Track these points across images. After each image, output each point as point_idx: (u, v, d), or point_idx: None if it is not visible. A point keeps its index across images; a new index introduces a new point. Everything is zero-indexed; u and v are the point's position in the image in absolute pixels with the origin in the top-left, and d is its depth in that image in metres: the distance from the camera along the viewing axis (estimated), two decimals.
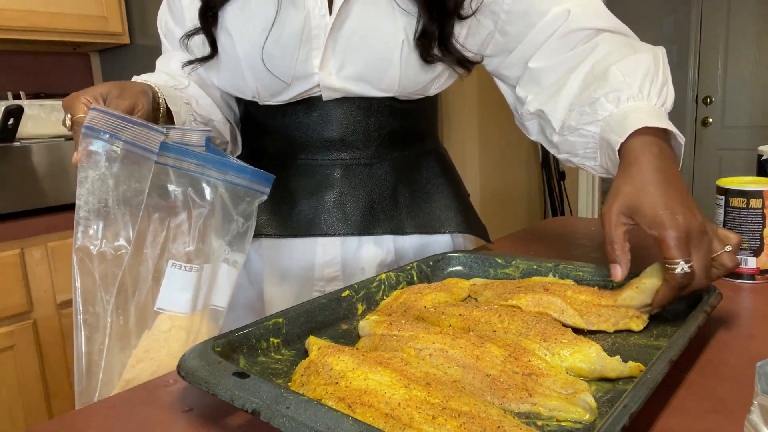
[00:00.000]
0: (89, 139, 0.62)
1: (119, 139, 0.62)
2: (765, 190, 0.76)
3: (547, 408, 0.47)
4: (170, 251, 0.64)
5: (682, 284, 0.58)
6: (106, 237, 0.62)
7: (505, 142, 3.02)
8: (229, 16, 0.79)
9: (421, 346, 0.56)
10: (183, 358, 0.51)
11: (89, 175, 0.62)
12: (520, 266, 0.79)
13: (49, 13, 1.90)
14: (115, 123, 0.62)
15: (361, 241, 0.86)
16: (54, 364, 1.62)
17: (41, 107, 1.65)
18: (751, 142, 4.00)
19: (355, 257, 0.85)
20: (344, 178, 0.84)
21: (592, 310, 0.64)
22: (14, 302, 1.54)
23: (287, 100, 0.82)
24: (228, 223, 0.66)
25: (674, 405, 0.49)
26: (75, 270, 0.61)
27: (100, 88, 0.66)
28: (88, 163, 0.62)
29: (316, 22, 0.76)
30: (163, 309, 0.64)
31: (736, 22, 3.99)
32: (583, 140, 0.75)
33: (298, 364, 0.56)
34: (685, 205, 0.60)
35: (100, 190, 0.62)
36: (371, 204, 0.84)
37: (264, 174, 0.67)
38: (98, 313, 0.61)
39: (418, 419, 0.44)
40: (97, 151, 0.62)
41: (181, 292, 0.64)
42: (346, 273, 0.86)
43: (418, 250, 0.89)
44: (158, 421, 0.51)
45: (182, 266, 0.64)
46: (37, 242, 1.57)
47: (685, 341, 0.52)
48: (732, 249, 0.60)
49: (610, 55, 0.74)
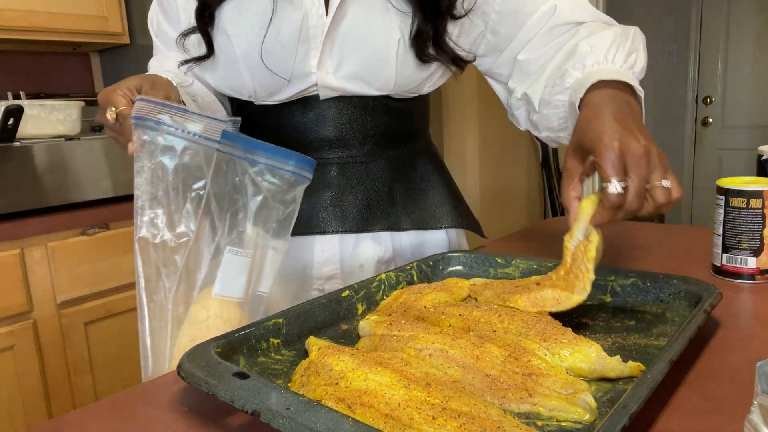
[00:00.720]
0: (142, 129, 0.63)
1: (180, 130, 0.62)
2: (765, 190, 0.76)
3: (547, 408, 0.47)
4: (226, 237, 0.65)
5: (615, 204, 0.58)
6: (166, 226, 0.62)
7: (505, 142, 3.02)
8: (226, 16, 0.79)
9: (421, 347, 0.56)
10: (183, 359, 0.51)
11: (145, 165, 0.63)
12: (520, 266, 0.79)
13: (49, 13, 1.90)
14: (170, 113, 0.62)
15: (359, 239, 0.86)
16: (54, 364, 1.62)
17: (41, 107, 1.65)
18: (751, 142, 4.00)
19: (353, 255, 0.86)
20: (341, 176, 0.84)
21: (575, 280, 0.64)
22: (14, 302, 1.54)
23: (284, 99, 0.82)
24: (274, 209, 0.67)
25: (674, 405, 0.49)
26: (137, 258, 0.62)
27: (132, 81, 0.67)
28: (143, 153, 0.62)
29: (313, 22, 0.77)
30: (221, 294, 0.65)
31: (736, 22, 3.99)
32: (555, 111, 0.77)
33: (298, 364, 0.56)
34: (631, 131, 0.60)
35: (158, 180, 0.62)
36: (368, 201, 0.85)
37: (307, 159, 0.67)
38: (160, 302, 0.63)
39: (418, 420, 0.44)
40: (152, 140, 0.63)
41: (237, 278, 0.65)
42: (345, 271, 0.86)
43: (415, 246, 0.90)
44: (158, 421, 0.51)
45: (239, 252, 0.65)
46: (37, 242, 1.57)
47: (685, 341, 0.52)
48: (672, 190, 0.59)
49: (584, 34, 0.77)
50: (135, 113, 0.63)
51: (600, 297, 0.72)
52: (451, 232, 0.94)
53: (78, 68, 2.34)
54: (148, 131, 0.63)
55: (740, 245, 0.78)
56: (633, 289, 0.70)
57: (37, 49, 2.16)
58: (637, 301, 0.69)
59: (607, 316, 0.67)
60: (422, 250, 0.90)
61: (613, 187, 0.58)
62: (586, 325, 0.65)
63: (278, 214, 0.66)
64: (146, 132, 0.63)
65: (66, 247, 1.62)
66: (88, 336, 1.68)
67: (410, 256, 0.90)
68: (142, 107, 0.63)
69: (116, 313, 1.73)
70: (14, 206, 1.58)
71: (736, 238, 0.78)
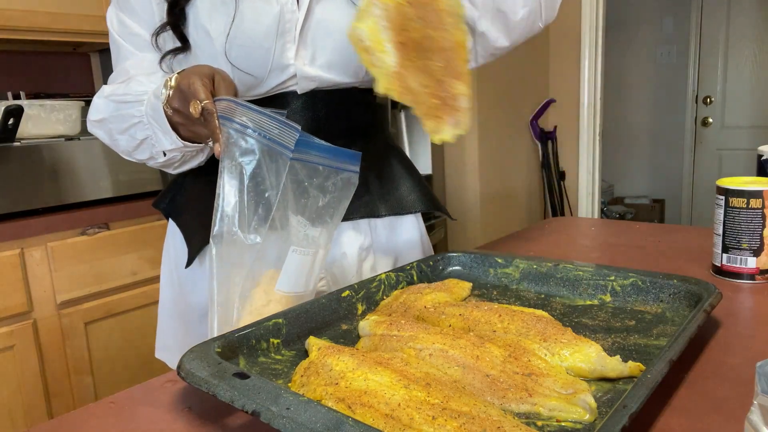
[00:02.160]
0: (227, 129, 0.64)
1: (262, 134, 0.63)
2: (765, 190, 0.76)
3: (547, 408, 0.47)
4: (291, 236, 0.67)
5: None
6: (239, 226, 0.64)
7: (505, 142, 3.02)
8: (202, 12, 0.81)
9: (421, 347, 0.56)
10: (183, 359, 0.51)
11: (226, 165, 0.64)
12: (520, 266, 0.79)
13: (49, 13, 1.90)
14: (251, 116, 0.64)
15: (341, 228, 0.89)
16: (54, 364, 1.62)
17: (41, 107, 1.65)
18: (751, 142, 4.00)
19: (336, 243, 0.89)
20: None
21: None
22: (14, 302, 1.54)
23: (262, 93, 0.84)
24: (329, 208, 0.69)
25: (674, 405, 0.49)
26: (213, 255, 0.64)
27: (205, 69, 0.70)
28: (227, 153, 0.64)
29: (288, 17, 0.81)
30: (284, 291, 0.68)
31: (736, 22, 3.99)
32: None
33: (298, 364, 0.56)
34: None
35: (237, 181, 0.64)
36: None
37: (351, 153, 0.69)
38: (231, 299, 0.65)
39: (418, 420, 0.44)
40: (234, 142, 0.64)
41: (299, 275, 0.68)
42: (328, 259, 0.88)
43: (389, 231, 0.94)
44: (158, 421, 0.51)
45: (303, 251, 0.67)
46: (37, 242, 1.57)
47: (685, 341, 0.52)
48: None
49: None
50: (221, 112, 0.65)
51: (600, 297, 0.72)
52: (421, 219, 0.99)
53: (78, 68, 2.34)
54: (233, 132, 0.64)
55: (740, 245, 0.78)
56: (633, 289, 0.70)
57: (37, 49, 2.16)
58: (637, 301, 0.69)
59: (607, 316, 0.67)
60: (396, 235, 0.94)
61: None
62: (586, 325, 0.65)
63: (332, 212, 0.69)
64: (231, 133, 0.64)
65: (66, 247, 1.62)
66: (88, 336, 1.68)
67: (385, 242, 0.93)
68: (226, 106, 0.65)
69: (116, 313, 1.73)
70: (14, 206, 1.58)
71: (736, 238, 0.78)
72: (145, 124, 0.78)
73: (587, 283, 0.73)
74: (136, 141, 0.81)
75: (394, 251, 0.94)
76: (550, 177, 3.26)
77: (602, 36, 3.11)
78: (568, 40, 3.15)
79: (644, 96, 4.40)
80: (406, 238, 0.95)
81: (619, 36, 4.22)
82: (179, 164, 0.85)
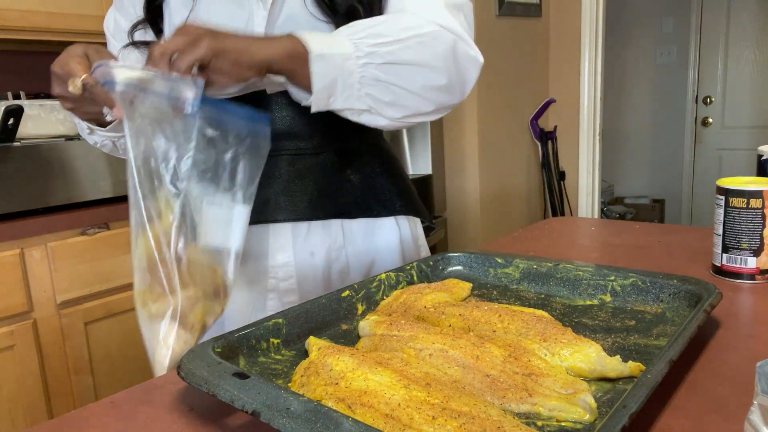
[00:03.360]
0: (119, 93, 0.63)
1: (155, 92, 0.62)
2: (765, 190, 0.76)
3: (547, 408, 0.47)
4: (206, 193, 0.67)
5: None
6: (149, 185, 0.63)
7: (505, 142, 3.02)
8: (176, 12, 0.83)
9: (421, 347, 0.56)
10: (183, 359, 0.51)
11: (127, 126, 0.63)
12: (520, 266, 0.79)
13: (49, 13, 1.89)
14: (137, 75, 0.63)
15: (311, 227, 0.88)
16: (54, 364, 1.62)
17: (41, 107, 1.65)
18: (751, 142, 4.00)
19: (305, 242, 0.88)
20: (291, 167, 0.87)
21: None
22: (14, 302, 1.54)
23: (234, 93, 0.84)
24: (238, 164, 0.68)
25: (674, 405, 0.49)
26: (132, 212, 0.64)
27: (78, 49, 0.69)
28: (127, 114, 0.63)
29: (257, 21, 0.82)
30: (207, 245, 0.66)
31: (736, 22, 3.99)
32: None
33: (298, 364, 0.56)
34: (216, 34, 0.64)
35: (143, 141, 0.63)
36: (318, 191, 0.87)
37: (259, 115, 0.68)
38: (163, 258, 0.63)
39: (418, 420, 0.44)
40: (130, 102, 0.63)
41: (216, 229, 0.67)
42: (297, 258, 0.88)
43: (365, 233, 0.92)
44: (158, 421, 0.51)
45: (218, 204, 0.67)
46: (37, 242, 1.57)
47: (685, 341, 0.52)
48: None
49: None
50: (105, 78, 0.63)
51: (600, 297, 0.72)
52: (402, 221, 0.96)
53: None
54: (125, 93, 0.62)
55: (740, 245, 0.78)
56: (633, 289, 0.70)
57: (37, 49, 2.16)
58: (637, 301, 0.69)
59: (607, 316, 0.67)
60: (373, 238, 0.92)
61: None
62: (586, 325, 0.65)
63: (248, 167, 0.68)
64: (124, 95, 0.63)
65: (66, 247, 1.62)
66: (88, 336, 1.68)
67: (361, 243, 0.92)
68: (107, 71, 0.63)
69: (116, 313, 1.73)
70: (14, 206, 1.58)
71: (736, 238, 0.78)
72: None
73: (587, 283, 0.73)
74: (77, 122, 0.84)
75: (370, 255, 0.92)
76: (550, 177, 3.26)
77: (602, 36, 3.11)
78: (568, 40, 3.15)
79: (644, 96, 4.40)
80: (383, 242, 0.93)
81: (619, 36, 4.22)
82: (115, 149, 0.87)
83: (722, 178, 0.81)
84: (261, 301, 0.88)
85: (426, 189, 2.55)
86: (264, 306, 0.88)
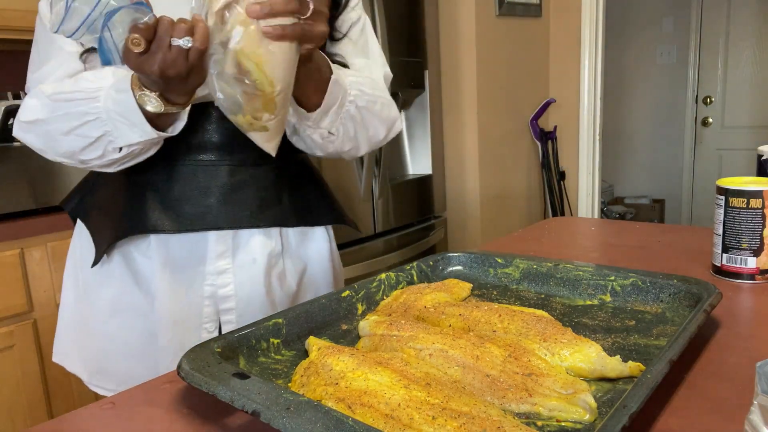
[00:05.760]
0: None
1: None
2: (765, 190, 0.76)
3: (547, 408, 0.47)
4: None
5: None
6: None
7: (505, 142, 3.02)
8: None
9: (421, 347, 0.56)
10: (183, 359, 0.51)
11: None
12: (520, 266, 0.79)
13: None
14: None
15: (252, 234, 0.91)
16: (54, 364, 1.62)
17: None
18: (751, 142, 4.00)
19: (246, 248, 0.90)
20: (231, 177, 0.89)
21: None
22: (14, 302, 1.54)
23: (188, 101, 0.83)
24: None
25: (674, 405, 0.49)
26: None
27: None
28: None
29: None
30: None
31: (736, 22, 3.99)
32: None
33: (298, 364, 0.56)
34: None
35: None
36: (259, 201, 0.91)
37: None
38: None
39: (418, 420, 0.44)
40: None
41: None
42: (237, 264, 0.90)
43: (299, 238, 0.97)
44: (158, 421, 0.51)
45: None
46: (37, 242, 1.57)
47: (685, 341, 0.52)
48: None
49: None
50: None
51: (600, 297, 0.72)
52: (331, 231, 1.04)
53: None
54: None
55: (740, 245, 0.78)
56: (633, 289, 0.70)
57: None
58: (637, 301, 0.69)
59: (607, 316, 0.67)
60: (306, 244, 0.98)
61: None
62: (586, 325, 0.65)
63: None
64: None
65: (66, 247, 1.61)
66: None
67: (295, 249, 0.96)
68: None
69: None
70: (14, 206, 1.58)
71: (736, 238, 0.78)
72: (103, 120, 0.76)
73: (587, 283, 0.73)
74: (87, 140, 0.79)
75: (303, 259, 0.97)
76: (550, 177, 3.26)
77: (602, 36, 3.11)
78: (568, 40, 3.15)
79: (644, 96, 4.40)
80: (316, 248, 0.98)
81: (619, 36, 4.22)
82: (130, 159, 0.83)
83: (722, 178, 0.81)
84: (196, 308, 0.89)
85: (426, 189, 2.54)
86: (200, 312, 0.89)
